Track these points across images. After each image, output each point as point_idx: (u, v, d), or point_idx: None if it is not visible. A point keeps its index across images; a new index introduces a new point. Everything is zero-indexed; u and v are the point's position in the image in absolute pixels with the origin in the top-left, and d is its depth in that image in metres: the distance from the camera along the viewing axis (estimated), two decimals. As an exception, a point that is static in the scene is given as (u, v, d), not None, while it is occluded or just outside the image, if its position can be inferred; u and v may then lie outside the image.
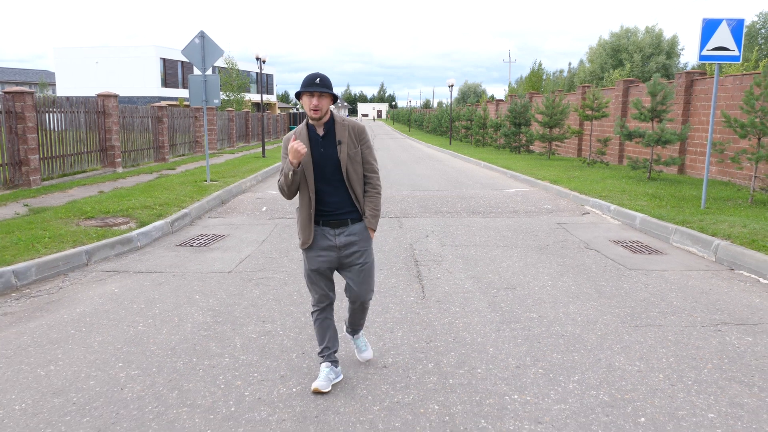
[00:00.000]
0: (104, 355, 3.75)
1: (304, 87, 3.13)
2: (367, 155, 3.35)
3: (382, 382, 3.39)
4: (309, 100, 3.13)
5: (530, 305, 4.78)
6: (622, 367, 3.60)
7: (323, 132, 3.24)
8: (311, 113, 3.15)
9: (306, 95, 3.14)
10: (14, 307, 4.73)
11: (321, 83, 3.12)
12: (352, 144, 3.27)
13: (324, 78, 3.16)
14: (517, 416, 2.99)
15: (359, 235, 3.31)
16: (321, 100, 3.13)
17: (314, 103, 3.12)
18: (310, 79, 3.14)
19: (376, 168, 3.39)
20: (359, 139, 3.31)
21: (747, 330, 4.26)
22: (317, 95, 3.12)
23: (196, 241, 7.31)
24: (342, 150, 3.23)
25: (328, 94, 3.15)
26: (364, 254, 3.33)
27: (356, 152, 3.28)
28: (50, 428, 2.87)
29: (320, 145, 3.22)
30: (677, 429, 2.88)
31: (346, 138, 3.25)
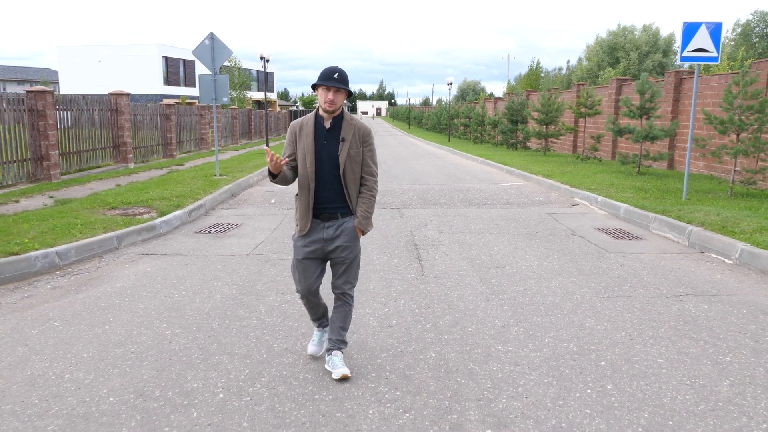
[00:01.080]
0: (149, 319, 4.38)
1: (322, 80, 3.16)
2: (367, 157, 3.36)
3: (388, 337, 4.02)
4: (325, 93, 3.17)
5: (517, 281, 5.41)
6: (591, 326, 4.24)
7: (330, 125, 3.28)
8: (326, 106, 3.19)
9: (322, 88, 3.18)
10: (61, 283, 5.36)
11: (339, 78, 3.17)
12: (355, 144, 3.29)
13: (342, 73, 3.19)
14: (500, 361, 3.63)
15: (346, 232, 3.34)
16: (337, 95, 3.18)
17: (330, 98, 3.17)
18: (329, 73, 3.16)
19: (375, 171, 3.39)
20: (363, 140, 3.33)
21: (705, 300, 4.89)
22: (334, 90, 3.16)
23: (213, 229, 7.94)
24: (343, 148, 3.26)
25: (344, 90, 3.20)
26: (348, 250, 3.35)
27: (357, 152, 3.30)
28: (117, 369, 3.50)
29: (323, 138, 3.26)
30: (630, 369, 3.51)
31: (350, 137, 3.28)
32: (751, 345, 3.90)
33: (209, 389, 3.24)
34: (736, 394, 3.22)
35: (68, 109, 12.48)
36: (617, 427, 2.87)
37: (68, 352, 3.74)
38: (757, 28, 42.71)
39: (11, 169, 10.50)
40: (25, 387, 3.27)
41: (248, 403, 3.09)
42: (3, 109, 10.27)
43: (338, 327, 3.44)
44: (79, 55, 50.40)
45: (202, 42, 12.75)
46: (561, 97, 21.97)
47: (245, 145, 27.96)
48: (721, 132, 10.37)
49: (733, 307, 4.68)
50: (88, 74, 49.08)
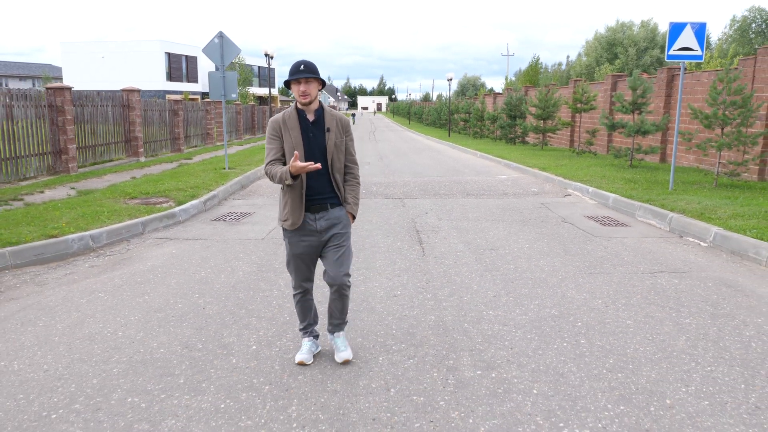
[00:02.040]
0: (182, 290, 4.96)
1: (291, 75, 3.27)
2: (350, 146, 3.51)
3: (393, 304, 4.60)
4: (297, 87, 3.27)
5: (509, 260, 5.99)
6: (572, 296, 4.81)
7: (313, 118, 3.37)
8: (300, 98, 3.29)
9: (293, 83, 3.28)
10: (97, 262, 5.94)
11: (306, 69, 3.26)
12: (339, 134, 3.42)
13: (309, 64, 3.29)
14: (490, 322, 4.21)
15: (339, 219, 3.44)
16: (308, 85, 3.27)
17: (302, 89, 3.26)
18: (296, 67, 3.28)
19: (356, 159, 3.56)
20: (345, 130, 3.46)
21: (676, 275, 5.47)
22: (304, 81, 3.26)
23: (228, 217, 8.51)
24: (330, 138, 3.37)
25: (314, 79, 3.27)
26: (342, 237, 3.45)
27: (341, 142, 3.43)
28: (162, 329, 4.08)
29: (310, 131, 3.35)
30: (602, 328, 4.09)
31: (334, 127, 3.40)
32: (710, 311, 4.48)
33: (243, 342, 3.83)
34: (689, 346, 3.80)
35: (84, 105, 13.03)
36: (586, 369, 3.45)
37: (117, 316, 4.32)
38: (754, 24, 43.19)
39: (33, 162, 11.07)
40: (86, 342, 3.85)
41: (278, 353, 3.67)
42: (26, 105, 10.82)
43: (338, 311, 3.55)
44: (83, 51, 50.85)
45: (212, 41, 13.29)
46: (558, 92, 22.50)
47: (249, 140, 28.51)
48: (707, 126, 10.93)
49: (700, 281, 5.26)
50: (92, 70, 49.53)
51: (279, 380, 3.31)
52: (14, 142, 10.43)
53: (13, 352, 3.67)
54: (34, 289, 4.98)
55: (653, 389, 3.21)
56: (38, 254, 5.84)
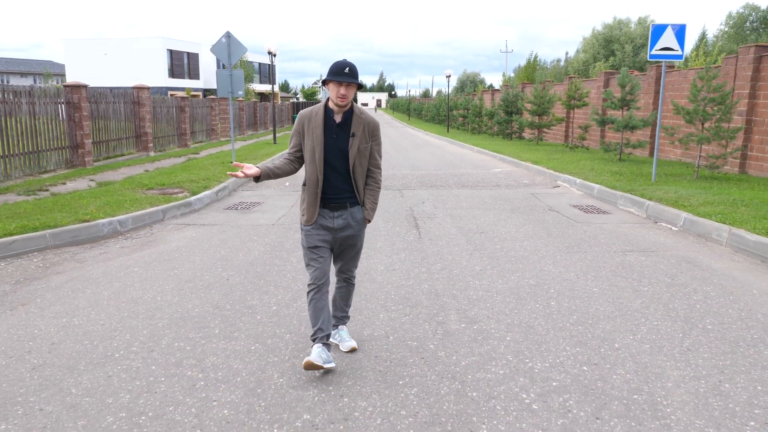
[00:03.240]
0: (206, 265, 5.64)
1: (334, 76, 3.18)
2: (375, 151, 3.43)
3: (392, 276, 5.28)
4: (336, 88, 3.20)
5: (496, 241, 6.67)
6: (549, 270, 5.49)
7: (340, 120, 3.31)
8: (338, 101, 3.22)
9: (334, 83, 3.20)
10: (126, 244, 6.61)
11: (350, 73, 3.19)
12: (365, 139, 3.35)
13: (353, 68, 3.22)
14: (475, 289, 4.89)
15: (356, 221, 3.43)
16: (349, 89, 3.22)
17: (342, 92, 3.20)
18: (340, 68, 3.19)
19: (380, 164, 3.49)
20: (372, 135, 3.39)
21: (644, 254, 6.14)
22: (345, 85, 3.20)
23: (239, 206, 9.19)
24: (353, 143, 3.30)
25: (355, 84, 3.22)
26: (356, 238, 3.49)
27: (366, 147, 3.36)
28: (194, 295, 4.76)
29: (333, 132, 3.29)
30: (571, 294, 4.77)
31: (360, 132, 3.33)
32: (667, 281, 5.16)
33: (265, 304, 4.51)
34: (643, 307, 4.48)
35: (98, 101, 13.69)
36: (552, 323, 4.13)
37: (153, 285, 5.00)
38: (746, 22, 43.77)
39: (53, 156, 11.73)
40: (131, 304, 4.53)
41: (295, 311, 4.35)
42: (46, 102, 11.48)
43: (342, 304, 3.62)
44: (85, 48, 51.40)
45: (219, 40, 13.94)
46: (553, 89, 23.15)
47: (252, 135, 29.16)
48: (688, 121, 11.59)
49: (664, 259, 5.94)
50: (95, 67, 50.08)
51: (297, 330, 3.99)
52: (36, 137, 11.08)
53: (71, 312, 4.35)
54: (76, 265, 5.66)
55: (606, 337, 3.89)
56: (74, 236, 6.52)
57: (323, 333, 3.32)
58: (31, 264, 5.68)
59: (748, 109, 12.49)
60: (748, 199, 8.40)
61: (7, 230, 6.20)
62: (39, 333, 3.93)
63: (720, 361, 3.53)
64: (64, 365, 3.45)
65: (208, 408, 2.96)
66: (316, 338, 3.33)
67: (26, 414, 2.90)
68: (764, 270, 5.59)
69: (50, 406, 2.98)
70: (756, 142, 12.40)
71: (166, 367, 3.42)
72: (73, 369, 3.40)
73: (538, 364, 3.47)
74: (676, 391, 3.15)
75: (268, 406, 2.98)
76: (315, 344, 3.32)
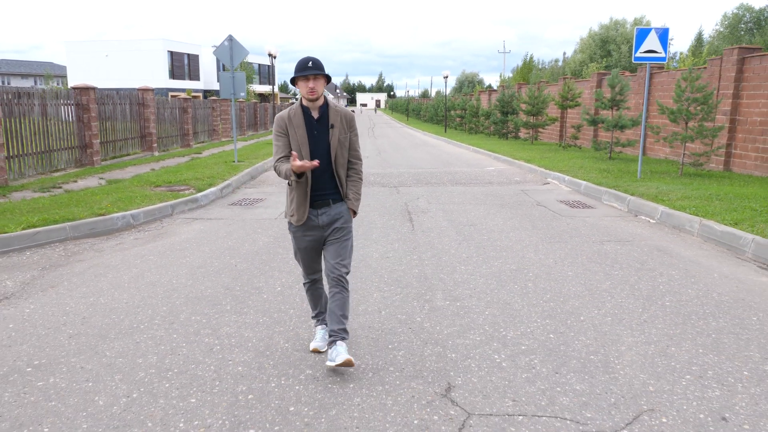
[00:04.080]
0: (216, 254, 6.13)
1: (299, 72, 3.28)
2: (354, 142, 3.52)
3: (386, 262, 5.77)
4: (305, 84, 3.29)
5: (484, 233, 7.16)
6: (530, 257, 5.99)
7: (318, 115, 3.39)
8: (308, 95, 3.31)
9: (301, 80, 3.30)
10: (140, 236, 7.11)
11: (314, 66, 3.28)
12: (343, 130, 3.43)
13: (316, 61, 3.30)
14: (461, 273, 5.38)
15: (340, 215, 3.47)
16: (316, 82, 3.29)
17: (310, 86, 3.28)
18: (303, 64, 3.29)
19: (360, 155, 3.58)
20: (349, 126, 3.48)
21: (620, 244, 6.64)
22: (312, 78, 3.28)
23: (243, 202, 9.68)
24: (333, 134, 3.38)
25: (322, 76, 3.30)
26: (343, 231, 3.49)
27: (345, 138, 3.44)
28: (206, 278, 5.25)
29: (314, 128, 3.37)
30: (548, 277, 5.26)
31: (338, 123, 3.41)
32: (637, 266, 5.66)
33: (271, 286, 5.00)
34: (611, 287, 4.97)
35: (105, 103, 14.18)
36: (527, 300, 4.62)
37: (168, 271, 5.49)
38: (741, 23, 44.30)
39: (63, 155, 12.22)
40: (149, 286, 5.02)
41: (298, 292, 4.84)
42: (57, 104, 11.98)
43: (339, 315, 3.40)
44: (87, 50, 51.89)
45: (222, 44, 14.44)
46: (547, 90, 23.65)
47: (252, 136, 29.65)
48: (672, 121, 12.10)
49: (638, 248, 6.43)
50: (96, 69, 50.57)
51: (300, 307, 4.48)
52: (48, 138, 11.57)
53: (96, 293, 4.84)
54: (95, 254, 6.15)
55: (573, 311, 4.39)
56: (91, 228, 7.02)
57: (324, 314, 3.63)
58: (54, 253, 6.18)
59: (732, 109, 12.99)
60: (723, 194, 8.90)
61: (31, 222, 6.69)
62: (70, 309, 4.43)
63: (671, 330, 4.03)
64: (96, 334, 3.94)
65: (224, 366, 3.46)
66: (318, 318, 3.68)
67: (70, 371, 3.40)
68: (728, 257, 6.09)
69: (89, 365, 3.47)
70: (739, 140, 12.90)
71: (186, 336, 3.91)
72: (105, 337, 3.89)
73: (510, 333, 3.96)
74: (628, 353, 3.64)
75: (276, 364, 3.48)
76: (318, 326, 3.66)
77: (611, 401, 3.04)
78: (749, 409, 2.98)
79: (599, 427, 2.80)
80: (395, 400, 3.05)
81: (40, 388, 3.18)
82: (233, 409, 2.96)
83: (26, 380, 3.28)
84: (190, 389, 3.17)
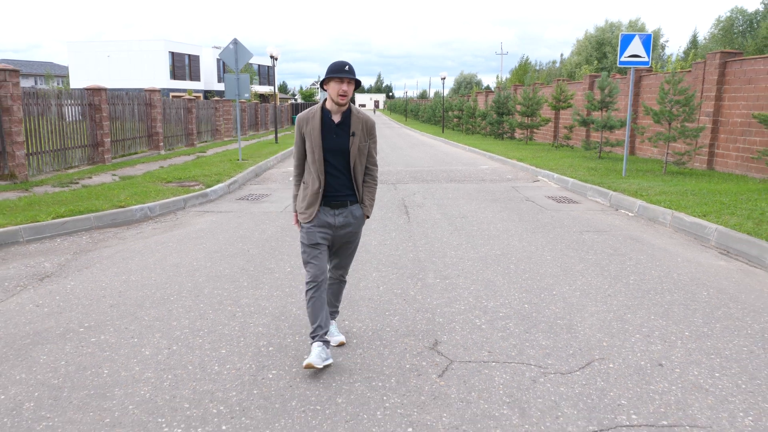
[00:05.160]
0: (229, 241, 6.74)
1: (335, 73, 3.27)
2: (372, 149, 3.54)
3: (383, 248, 6.39)
4: (338, 85, 3.29)
5: (474, 224, 7.79)
6: (514, 245, 6.61)
7: (339, 120, 3.39)
8: (339, 98, 3.30)
9: (335, 81, 3.29)
10: (158, 226, 7.72)
11: (350, 70, 3.30)
12: (363, 137, 3.44)
13: (351, 66, 3.32)
14: (451, 257, 6.01)
15: (356, 218, 3.53)
16: (349, 86, 3.31)
17: (344, 89, 3.28)
18: (340, 66, 3.29)
19: (376, 161, 3.61)
20: (369, 134, 3.48)
21: (598, 233, 7.26)
22: (347, 81, 3.29)
23: (249, 197, 10.29)
24: (354, 142, 3.39)
25: (354, 81, 3.33)
26: (354, 235, 3.59)
27: (365, 146, 3.46)
28: (222, 261, 5.86)
29: (333, 132, 3.38)
30: (528, 261, 5.89)
31: (359, 131, 3.41)
32: (609, 252, 6.29)
33: (281, 267, 5.62)
34: (584, 269, 5.60)
35: (115, 103, 14.79)
36: (508, 279, 5.24)
37: (188, 255, 6.11)
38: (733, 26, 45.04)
39: (77, 153, 12.83)
40: (173, 267, 5.64)
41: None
42: (72, 104, 12.58)
43: (333, 300, 3.75)
44: (89, 51, 52.45)
45: (227, 47, 15.05)
46: (541, 91, 24.30)
47: (254, 135, 30.26)
48: (656, 121, 12.76)
49: (614, 237, 7.06)
50: (98, 69, 51.15)
51: (308, 283, 5.10)
52: (63, 136, 12.18)
53: (127, 272, 5.45)
54: (119, 242, 6.77)
55: (547, 287, 5.01)
56: (113, 219, 7.63)
57: (323, 330, 3.42)
58: (81, 240, 6.79)
59: (715, 110, 13.64)
60: (698, 189, 9.54)
61: (59, 213, 7.31)
62: (106, 285, 5.04)
63: (630, 302, 4.65)
64: (134, 304, 4.56)
65: (247, 327, 4.08)
66: (316, 336, 3.42)
67: (116, 331, 4.01)
68: (694, 244, 6.72)
69: (132, 326, 4.09)
70: (722, 140, 13.55)
71: (211, 305, 4.53)
72: (141, 306, 4.51)
73: (491, 303, 4.59)
74: (589, 319, 4.27)
75: (291, 326, 4.10)
76: (314, 343, 3.40)
77: (570, 352, 3.67)
78: (683, 358, 3.60)
79: (557, 370, 3.43)
80: (391, 351, 3.68)
81: (94, 343, 3.80)
82: (257, 357, 3.59)
83: (81, 337, 3.89)
84: (219, 344, 3.79)
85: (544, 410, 2.97)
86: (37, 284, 5.08)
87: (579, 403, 3.05)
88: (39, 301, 4.61)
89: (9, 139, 10.12)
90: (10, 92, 10.02)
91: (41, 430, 2.79)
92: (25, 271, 5.50)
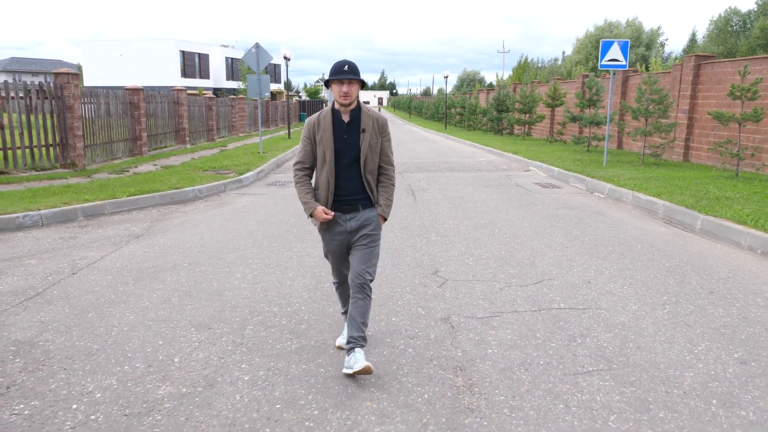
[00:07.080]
0: (270, 214, 8.37)
1: (334, 75, 3.25)
2: (386, 147, 3.45)
3: (396, 219, 8.01)
4: (339, 87, 3.26)
5: (469, 203, 9.41)
6: (500, 217, 8.23)
7: (349, 119, 3.36)
8: (341, 99, 3.29)
9: (335, 83, 3.26)
10: (207, 204, 9.36)
11: (350, 70, 3.26)
12: (375, 134, 3.39)
13: (352, 65, 3.28)
14: (449, 225, 7.64)
15: (370, 221, 3.43)
16: (350, 86, 3.27)
17: (344, 90, 3.26)
18: (339, 67, 3.27)
19: (392, 160, 3.49)
20: (381, 131, 3.43)
21: (571, 209, 8.87)
22: (347, 82, 3.26)
23: (276, 183, 11.93)
24: (365, 139, 3.34)
25: (356, 81, 3.27)
26: (371, 237, 3.43)
27: (377, 143, 3.40)
28: (270, 226, 7.49)
29: (344, 132, 3.35)
30: (509, 227, 7.51)
31: (370, 127, 3.37)
32: (575, 221, 7.90)
33: (312, 235, 7.25)
34: (551, 231, 7.21)
35: (149, 102, 16.45)
36: (491, 237, 6.87)
37: (241, 223, 7.74)
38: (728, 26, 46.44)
39: (120, 146, 14.49)
40: (232, 231, 7.27)
41: (336, 233, 7.10)
42: (116, 102, 14.24)
43: (359, 323, 3.36)
44: (102, 49, 54.12)
45: (249, 50, 16.69)
46: (538, 90, 25.87)
47: (265, 132, 31.91)
48: (634, 118, 14.35)
49: (583, 212, 8.67)
50: (110, 68, 52.83)
51: (340, 240, 6.74)
52: (110, 130, 13.84)
53: (198, 234, 7.09)
54: (182, 215, 8.41)
55: (521, 243, 6.63)
56: (172, 198, 9.28)
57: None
58: (153, 213, 8.45)
59: (690, 108, 15.20)
60: (662, 176, 11.15)
61: (131, 192, 8.97)
62: (188, 241, 6.69)
63: (581, 251, 6.27)
64: (215, 250, 6.20)
65: (303, 262, 5.73)
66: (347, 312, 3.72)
67: (210, 265, 5.66)
68: (646, 217, 8.33)
69: (220, 262, 5.74)
70: (696, 135, 15.12)
71: (272, 251, 6.18)
72: (221, 252, 6.16)
73: (477, 251, 6.22)
74: (547, 260, 5.89)
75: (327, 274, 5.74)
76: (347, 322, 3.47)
77: (529, 276, 5.30)
78: (606, 278, 5.23)
79: (518, 284, 5.06)
80: (405, 274, 5.33)
81: (198, 272, 5.45)
82: (314, 277, 5.24)
83: (188, 269, 5.54)
84: (286, 271, 5.44)
85: (506, 302, 4.62)
86: (135, 241, 6.73)
87: (529, 299, 4.69)
88: (144, 250, 6.27)
89: (71, 132, 11.78)
90: (72, 92, 11.67)
91: (188, 311, 4.43)
92: (122, 233, 7.15)
